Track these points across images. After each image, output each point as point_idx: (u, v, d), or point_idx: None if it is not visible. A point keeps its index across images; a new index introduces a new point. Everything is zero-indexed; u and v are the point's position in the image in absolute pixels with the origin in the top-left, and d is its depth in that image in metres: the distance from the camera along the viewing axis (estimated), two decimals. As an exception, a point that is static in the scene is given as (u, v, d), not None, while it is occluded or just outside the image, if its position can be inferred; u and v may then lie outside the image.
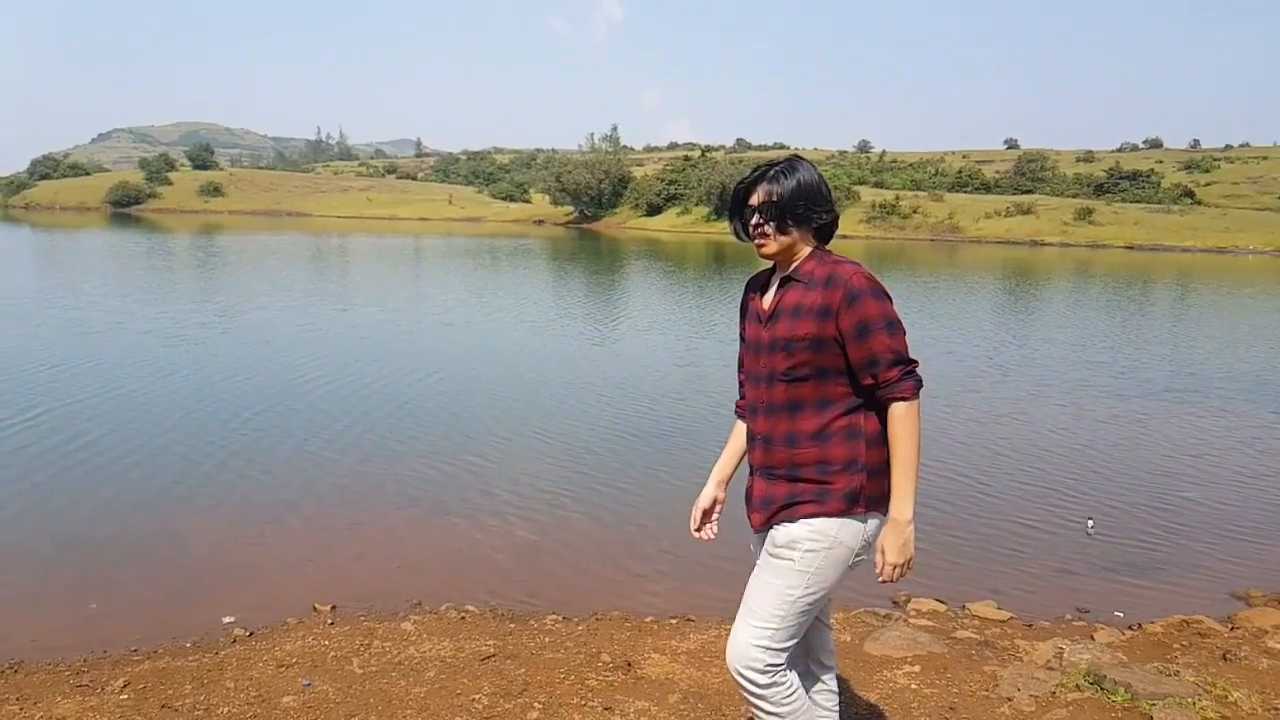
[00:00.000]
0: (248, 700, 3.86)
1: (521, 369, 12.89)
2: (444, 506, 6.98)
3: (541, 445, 8.76)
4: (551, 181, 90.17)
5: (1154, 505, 7.32)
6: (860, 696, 3.73)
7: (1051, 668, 3.96)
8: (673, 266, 37.09)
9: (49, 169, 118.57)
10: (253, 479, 7.45)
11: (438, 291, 24.40)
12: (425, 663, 4.21)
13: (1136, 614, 5.11)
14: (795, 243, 2.50)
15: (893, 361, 2.36)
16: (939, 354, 14.81)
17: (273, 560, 5.90)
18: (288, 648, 4.47)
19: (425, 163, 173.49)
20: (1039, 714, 3.53)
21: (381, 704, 3.76)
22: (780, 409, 2.48)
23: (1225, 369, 14.14)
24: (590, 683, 3.94)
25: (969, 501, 7.33)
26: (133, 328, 15.29)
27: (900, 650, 4.19)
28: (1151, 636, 4.52)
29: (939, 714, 3.57)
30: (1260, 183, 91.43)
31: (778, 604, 2.41)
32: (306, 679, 4.06)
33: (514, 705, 3.72)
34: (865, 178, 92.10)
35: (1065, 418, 10.50)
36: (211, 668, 4.25)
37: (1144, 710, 3.44)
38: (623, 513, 6.93)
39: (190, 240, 47.54)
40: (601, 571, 5.87)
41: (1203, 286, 32.80)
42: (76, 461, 7.74)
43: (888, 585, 5.45)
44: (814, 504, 2.41)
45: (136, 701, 3.88)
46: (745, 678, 2.43)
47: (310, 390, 10.81)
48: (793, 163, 2.52)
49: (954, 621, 4.82)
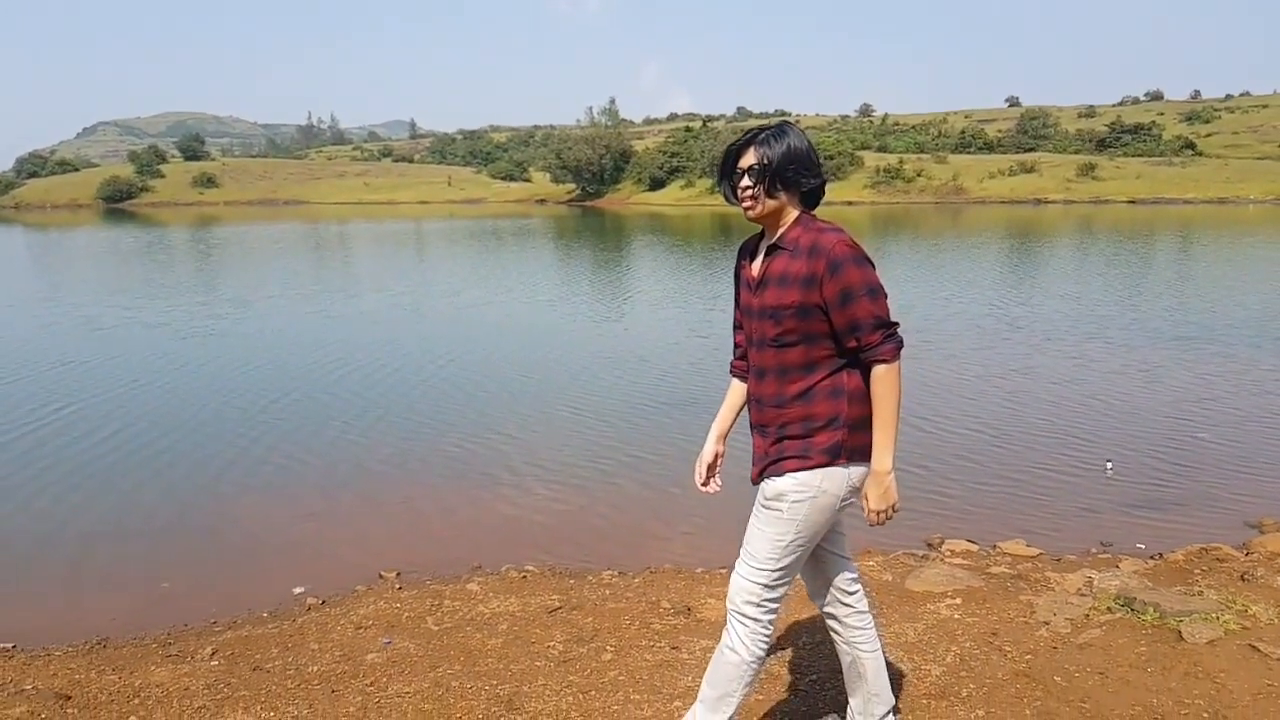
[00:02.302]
0: (334, 659, 4.14)
1: (541, 347, 13.18)
2: (491, 477, 7.28)
3: (574, 417, 9.05)
4: (552, 159, 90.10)
5: (1167, 447, 7.60)
6: (909, 627, 4.02)
7: (1083, 594, 4.24)
8: (679, 240, 37.25)
9: (36, 167, 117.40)
10: (297, 461, 7.74)
11: (447, 275, 24.63)
12: (496, 618, 4.50)
13: (1157, 546, 5.40)
14: (782, 207, 2.58)
15: (874, 326, 2.48)
16: (949, 314, 15.06)
17: (331, 535, 6.20)
18: (362, 612, 4.76)
19: (421, 144, 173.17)
20: (1075, 634, 3.81)
21: (463, 655, 4.05)
22: (770, 372, 2.62)
23: (1228, 317, 14.36)
24: (655, 626, 4.23)
25: (990, 450, 7.62)
26: (145, 322, 15.62)
27: (940, 586, 4.47)
28: (1173, 564, 4.81)
29: (982, 639, 3.85)
30: (1260, 131, 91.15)
31: (771, 549, 2.62)
32: (386, 637, 4.35)
33: (587, 649, 4.01)
34: (868, 142, 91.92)
35: (1075, 369, 10.76)
36: (292, 633, 4.54)
37: (1172, 626, 3.72)
38: (660, 476, 7.22)
39: (189, 233, 47.71)
40: (648, 530, 6.17)
41: (1205, 237, 32.92)
42: (112, 451, 8.04)
43: (919, 529, 5.76)
44: (797, 459, 2.56)
45: (228, 666, 4.16)
46: (741, 613, 2.66)
47: (333, 376, 11.09)
48: (783, 127, 2.59)
49: (986, 559, 5.11)
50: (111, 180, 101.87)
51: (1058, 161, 74.22)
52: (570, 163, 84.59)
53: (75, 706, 3.69)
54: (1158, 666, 3.46)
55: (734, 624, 2.69)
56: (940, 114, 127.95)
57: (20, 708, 3.64)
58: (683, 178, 78.51)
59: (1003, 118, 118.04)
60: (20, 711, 3.60)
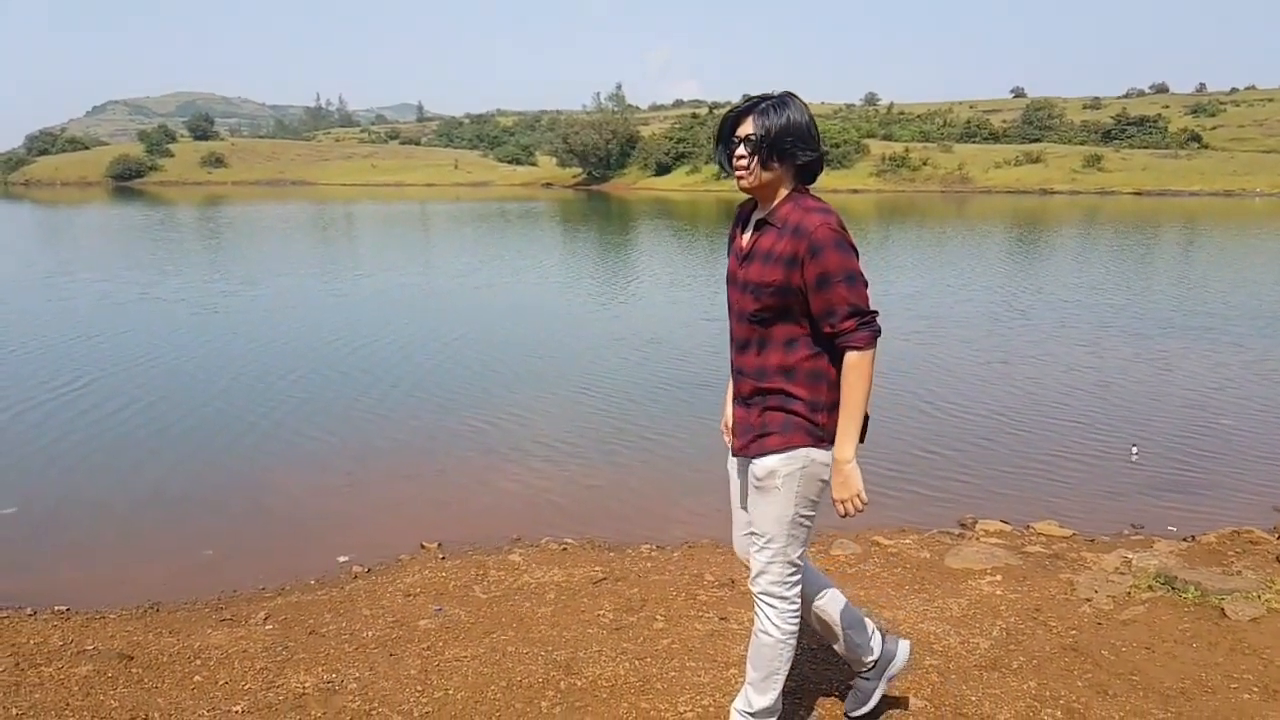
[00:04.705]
0: (387, 625, 4.23)
1: (556, 327, 13.25)
2: (521, 451, 7.38)
3: (595, 396, 9.13)
4: (558, 143, 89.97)
5: (1189, 433, 7.68)
6: (952, 602, 4.10)
7: (1122, 573, 4.32)
8: (686, 225, 37.25)
9: (47, 144, 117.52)
10: (327, 434, 7.82)
11: (456, 255, 24.66)
12: (543, 587, 4.59)
13: (1188, 528, 5.48)
14: (777, 180, 2.55)
15: (849, 313, 2.46)
16: (960, 301, 15.12)
17: (368, 507, 6.28)
18: (409, 580, 4.84)
19: (428, 127, 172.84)
20: (1118, 611, 3.89)
21: (515, 622, 4.14)
22: (750, 344, 2.63)
23: (1239, 308, 14.42)
24: (701, 598, 4.32)
25: (1012, 435, 7.69)
26: (161, 298, 15.66)
27: (980, 563, 4.55)
28: (1206, 546, 4.89)
29: (1026, 614, 3.93)
30: (1266, 125, 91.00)
31: (777, 526, 2.66)
32: (437, 605, 4.44)
33: (637, 619, 4.10)
34: (874, 130, 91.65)
35: (1089, 356, 10.83)
36: (342, 600, 4.63)
37: (1214, 604, 3.81)
38: (686, 453, 7.30)
39: (198, 212, 47.69)
40: (681, 505, 6.24)
41: (1212, 229, 32.93)
42: (142, 425, 8.10)
43: (951, 510, 5.84)
44: (779, 436, 2.58)
45: (283, 630, 4.25)
46: (766, 593, 2.73)
47: (352, 353, 11.15)
48: (784, 99, 2.54)
49: (1021, 539, 5.19)
50: (121, 159, 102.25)
51: (1064, 152, 74.10)
52: (577, 147, 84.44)
53: (139, 666, 3.77)
54: (1203, 642, 3.54)
55: (762, 607, 2.76)
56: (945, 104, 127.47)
57: (86, 667, 3.73)
58: (689, 163, 78.44)
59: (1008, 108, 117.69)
60: (87, 670, 3.69)
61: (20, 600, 4.66)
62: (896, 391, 9.01)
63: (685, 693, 3.37)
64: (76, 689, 3.51)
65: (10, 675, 3.61)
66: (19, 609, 4.51)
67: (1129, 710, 3.12)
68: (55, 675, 3.63)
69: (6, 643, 3.96)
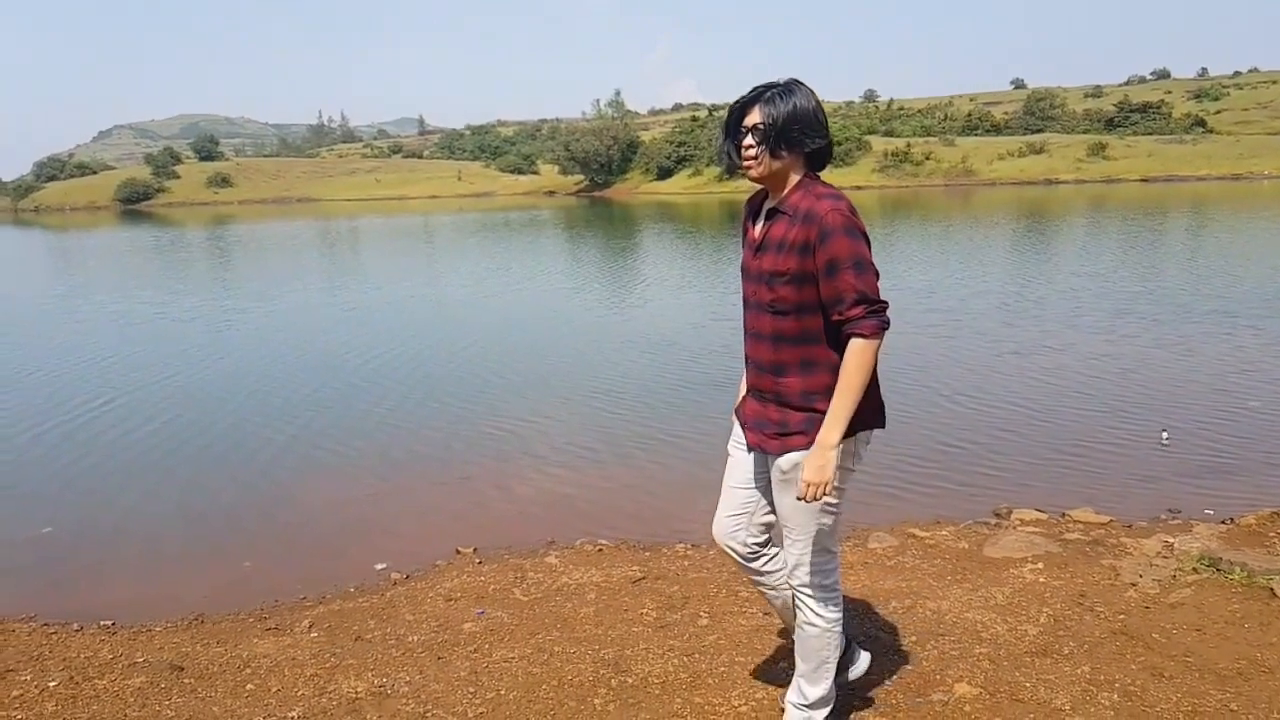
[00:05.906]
0: (431, 629, 4.25)
1: (568, 332, 13.30)
2: (541, 458, 7.39)
3: (610, 399, 9.14)
4: (560, 151, 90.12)
5: (1218, 417, 7.64)
6: (996, 591, 4.10)
7: (1165, 557, 4.31)
8: (690, 228, 37.26)
9: (55, 170, 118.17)
10: (349, 446, 7.85)
11: (463, 265, 24.68)
12: (582, 588, 4.60)
13: (1225, 511, 5.44)
14: (786, 168, 2.53)
15: (856, 300, 2.42)
16: (974, 293, 15.08)
17: (397, 515, 6.31)
18: (448, 585, 4.86)
19: (430, 140, 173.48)
20: (1164, 595, 3.89)
21: (559, 622, 4.15)
22: (766, 337, 2.61)
23: (1255, 292, 14.35)
24: (742, 594, 4.32)
25: (1039, 424, 7.67)
26: (174, 317, 15.76)
27: (1020, 552, 4.55)
28: (1246, 528, 4.87)
29: (1072, 600, 3.93)
30: (1270, 107, 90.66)
31: (808, 517, 2.66)
32: (479, 608, 4.45)
33: (681, 616, 4.11)
34: (875, 127, 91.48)
35: (1108, 344, 10.79)
36: (384, 606, 4.65)
37: (1263, 584, 3.80)
38: (706, 454, 7.28)
39: (207, 232, 47.91)
40: (706, 506, 6.21)
41: (1222, 214, 32.80)
42: (166, 441, 8.17)
43: (985, 500, 5.83)
44: (803, 435, 2.56)
45: (329, 637, 4.27)
46: (805, 585, 2.73)
47: (366, 365, 11.19)
48: (790, 86, 2.51)
49: (1058, 526, 5.18)
50: (129, 182, 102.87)
51: (1067, 142, 73.86)
52: (578, 154, 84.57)
53: (191, 676, 3.80)
54: (1254, 623, 3.54)
55: (803, 600, 2.76)
56: (945, 98, 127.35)
57: (139, 679, 3.75)
58: (690, 166, 78.45)
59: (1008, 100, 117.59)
60: (140, 682, 3.72)
61: (66, 616, 4.70)
62: (919, 385, 9.00)
63: (737, 687, 3.38)
64: (132, 700, 3.54)
65: (66, 689, 3.64)
66: (65, 624, 4.55)
67: (1186, 692, 3.11)
68: (110, 687, 3.66)
69: (58, 657, 4.00)
